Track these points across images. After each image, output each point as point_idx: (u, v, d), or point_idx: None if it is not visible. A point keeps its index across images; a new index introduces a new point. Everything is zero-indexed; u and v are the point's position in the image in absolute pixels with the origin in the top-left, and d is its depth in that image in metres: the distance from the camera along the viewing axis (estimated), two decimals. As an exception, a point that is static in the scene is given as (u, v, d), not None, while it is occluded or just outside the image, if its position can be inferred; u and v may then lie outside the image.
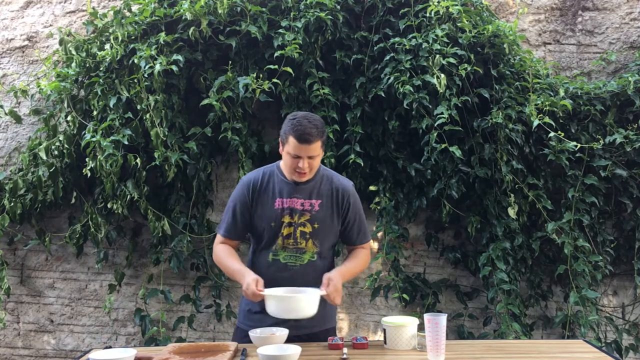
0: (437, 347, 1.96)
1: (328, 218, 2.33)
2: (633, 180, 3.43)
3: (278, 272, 2.29)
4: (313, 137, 2.18)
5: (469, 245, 3.62)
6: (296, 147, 2.19)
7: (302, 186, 2.32)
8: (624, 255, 3.58)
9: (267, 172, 2.39)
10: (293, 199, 2.31)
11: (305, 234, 2.30)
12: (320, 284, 2.22)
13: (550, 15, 3.84)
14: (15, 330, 3.72)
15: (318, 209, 2.32)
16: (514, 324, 3.21)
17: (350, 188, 2.40)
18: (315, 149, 2.21)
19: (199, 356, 2.00)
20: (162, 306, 3.58)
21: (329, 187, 2.36)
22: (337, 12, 3.38)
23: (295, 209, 2.30)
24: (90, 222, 3.47)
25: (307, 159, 2.22)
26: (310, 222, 2.30)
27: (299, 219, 2.30)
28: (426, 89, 3.24)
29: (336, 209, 2.35)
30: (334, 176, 2.41)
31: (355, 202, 2.39)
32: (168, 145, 3.32)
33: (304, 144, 2.18)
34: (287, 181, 2.33)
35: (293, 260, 2.31)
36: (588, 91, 3.45)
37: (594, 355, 2.06)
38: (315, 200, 2.32)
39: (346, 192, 2.36)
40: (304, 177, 2.28)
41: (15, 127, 3.81)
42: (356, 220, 2.39)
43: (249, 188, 2.35)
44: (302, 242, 2.30)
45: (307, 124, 2.19)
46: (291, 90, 3.38)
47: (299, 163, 2.22)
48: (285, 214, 2.30)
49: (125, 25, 3.39)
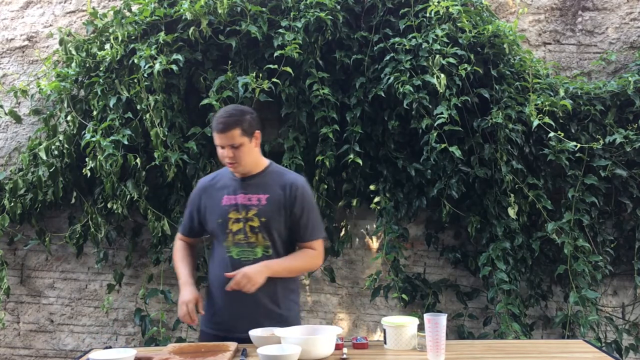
0: (437, 347, 1.96)
1: (276, 212, 2.31)
2: (633, 180, 3.43)
3: (233, 268, 2.28)
4: (226, 125, 2.24)
5: (469, 245, 3.62)
6: (215, 137, 2.28)
7: (248, 182, 2.35)
8: (624, 255, 3.58)
9: (220, 172, 2.47)
10: (239, 195, 2.33)
11: (254, 228, 2.30)
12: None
13: (550, 15, 3.84)
14: (15, 330, 3.72)
15: (265, 203, 2.31)
16: (514, 324, 3.21)
17: (300, 182, 2.37)
18: (233, 137, 2.24)
19: (199, 356, 2.00)
20: (162, 306, 3.58)
21: (277, 182, 2.36)
22: (337, 12, 3.38)
23: (242, 205, 2.32)
24: (90, 222, 3.47)
25: (231, 149, 2.26)
26: (258, 216, 2.30)
27: (246, 214, 2.31)
28: (426, 89, 3.24)
29: (284, 203, 2.32)
30: (285, 172, 2.43)
31: (304, 196, 2.35)
32: (168, 145, 3.32)
33: (219, 133, 2.25)
34: (234, 178, 2.37)
35: (246, 255, 2.31)
36: (588, 91, 3.45)
37: (594, 355, 2.06)
38: (262, 195, 2.33)
39: (294, 186, 2.34)
40: (233, 167, 2.30)
41: (15, 127, 3.81)
42: (303, 215, 2.34)
43: (200, 189, 2.45)
44: (252, 236, 2.30)
45: (223, 114, 2.29)
46: (291, 90, 3.38)
47: (224, 152, 2.28)
48: (231, 210, 2.32)
49: (125, 25, 3.39)
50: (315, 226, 2.38)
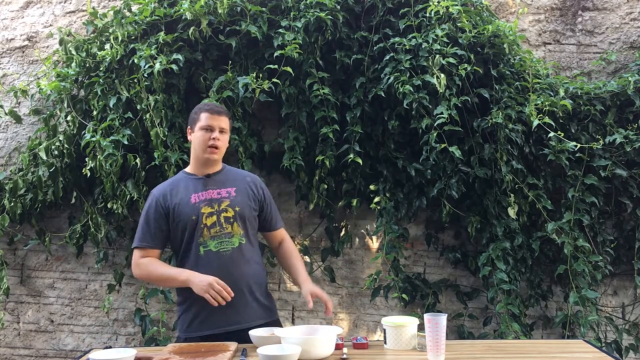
0: (437, 347, 1.96)
1: (246, 202, 2.44)
2: (633, 180, 3.43)
3: (212, 262, 2.34)
4: (222, 110, 2.46)
5: (469, 245, 3.62)
6: (208, 118, 2.40)
7: (213, 178, 2.46)
8: (624, 255, 3.58)
9: (174, 180, 2.52)
10: (209, 191, 2.42)
11: (229, 219, 2.38)
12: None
13: (550, 15, 3.84)
14: (15, 330, 3.72)
15: (235, 194, 2.43)
16: (514, 324, 3.21)
17: (258, 178, 2.59)
18: (225, 122, 2.44)
19: (199, 356, 2.00)
20: (162, 306, 3.58)
21: (239, 177, 2.52)
22: (337, 12, 3.38)
23: (213, 199, 2.40)
24: (90, 222, 3.47)
25: (219, 132, 2.41)
26: (231, 207, 2.40)
27: (219, 206, 2.39)
28: (426, 89, 3.24)
29: (252, 195, 2.48)
30: (240, 171, 2.63)
31: (266, 190, 2.57)
32: (168, 145, 3.32)
33: (215, 114, 2.41)
34: (197, 177, 2.46)
35: (224, 246, 2.37)
36: (588, 91, 3.45)
37: (594, 355, 2.06)
38: (230, 188, 2.45)
39: (257, 181, 2.56)
40: (214, 152, 2.41)
41: (15, 127, 3.81)
42: (271, 206, 2.56)
43: (159, 197, 2.43)
44: (228, 226, 2.38)
45: (214, 104, 2.52)
46: (291, 90, 3.38)
47: (212, 135, 2.39)
48: (203, 205, 2.39)
49: (125, 25, 3.39)
50: (278, 216, 2.62)
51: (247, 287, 2.37)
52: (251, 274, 2.40)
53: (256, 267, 2.44)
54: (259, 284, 2.43)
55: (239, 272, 2.36)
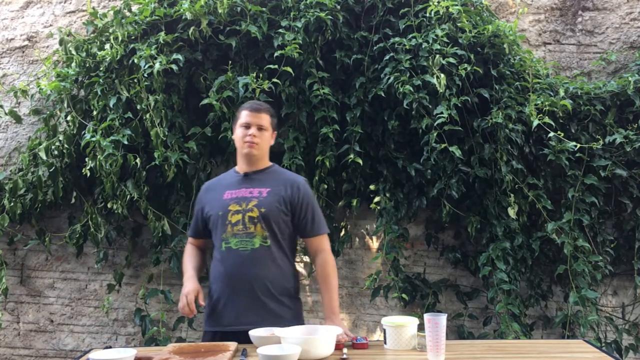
0: (437, 347, 1.96)
1: (275, 204, 2.40)
2: (633, 180, 3.43)
3: (231, 259, 2.37)
4: (262, 107, 2.47)
5: (469, 245, 3.62)
6: (247, 115, 2.44)
7: (252, 177, 2.47)
8: (624, 255, 3.58)
9: (222, 175, 2.61)
10: (241, 189, 2.45)
11: (253, 219, 2.38)
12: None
13: (550, 15, 3.84)
14: (15, 330, 3.72)
15: (266, 195, 2.42)
16: (514, 324, 3.21)
17: (300, 180, 2.52)
18: (264, 120, 2.45)
19: (199, 356, 2.00)
20: (162, 306, 3.58)
21: (279, 179, 2.49)
22: (337, 12, 3.38)
23: (243, 197, 2.42)
24: (90, 222, 3.47)
25: (257, 129, 2.43)
26: (258, 207, 2.39)
27: (246, 205, 2.40)
28: (426, 89, 3.24)
29: (284, 197, 2.43)
30: (285, 172, 2.58)
31: (306, 193, 2.48)
32: (168, 145, 3.32)
33: (252, 111, 2.44)
34: (238, 175, 2.51)
35: (244, 245, 2.37)
36: (588, 91, 3.45)
37: (594, 355, 2.06)
38: (263, 188, 2.44)
39: (295, 183, 2.48)
40: (253, 147, 2.42)
41: (15, 127, 3.81)
42: (308, 211, 2.46)
43: (204, 189, 2.59)
44: (251, 226, 2.38)
45: (255, 101, 2.57)
46: (291, 90, 3.38)
47: (249, 131, 2.42)
48: (231, 202, 2.42)
49: (125, 25, 3.39)
50: (320, 221, 2.50)
51: (261, 290, 2.35)
52: (269, 277, 2.37)
53: (276, 270, 2.39)
54: (277, 288, 2.39)
55: (255, 273, 2.35)
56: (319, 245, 2.50)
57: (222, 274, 2.39)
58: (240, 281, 2.34)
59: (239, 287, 2.35)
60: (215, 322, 2.41)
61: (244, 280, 2.34)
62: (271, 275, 2.37)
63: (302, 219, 2.45)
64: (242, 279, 2.34)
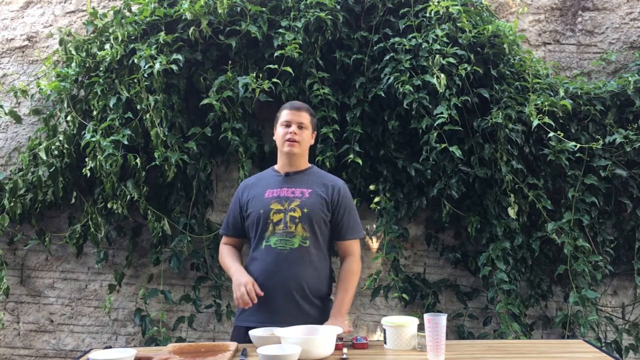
0: (437, 347, 1.96)
1: (318, 205, 2.42)
2: (633, 180, 3.43)
3: (269, 257, 2.38)
4: (301, 106, 2.49)
5: (469, 245, 3.62)
6: (287, 114, 2.47)
7: (292, 177, 2.49)
8: (624, 255, 3.58)
9: (262, 173, 2.62)
10: (283, 189, 2.46)
11: (294, 219, 2.39)
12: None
13: (550, 15, 3.84)
14: (15, 330, 3.72)
15: (308, 196, 2.43)
16: (514, 324, 3.21)
17: (341, 183, 2.53)
18: (305, 118, 2.47)
19: (199, 356, 2.00)
20: (162, 306, 3.59)
21: (319, 181, 2.50)
22: (337, 12, 3.38)
23: (285, 197, 2.43)
24: (90, 222, 3.47)
25: (297, 127, 2.45)
26: (300, 207, 2.40)
27: (289, 205, 2.41)
28: (426, 89, 3.24)
29: (325, 199, 2.45)
30: (326, 173, 2.58)
31: (345, 196, 2.49)
32: (168, 145, 3.32)
33: (293, 110, 2.47)
34: (278, 174, 2.52)
35: (283, 244, 2.38)
36: (588, 91, 3.45)
37: (594, 355, 2.06)
38: (305, 189, 2.45)
39: (336, 186, 2.50)
40: (294, 146, 2.43)
41: (15, 127, 3.81)
42: (345, 214, 2.48)
43: (243, 187, 2.59)
44: (292, 226, 2.39)
45: (296, 101, 2.61)
46: (291, 90, 3.38)
47: (290, 129, 2.44)
48: (273, 201, 2.43)
49: (125, 25, 3.39)
50: (355, 226, 2.51)
51: (297, 290, 2.37)
52: (305, 277, 2.38)
53: (313, 272, 2.40)
54: (312, 289, 2.40)
55: (292, 273, 2.36)
56: (350, 248, 2.51)
57: (259, 271, 2.39)
58: (278, 280, 2.35)
59: (275, 285, 2.36)
60: (249, 318, 2.42)
61: (281, 279, 2.35)
62: (308, 276, 2.39)
63: (339, 221, 2.47)
64: (280, 278, 2.36)
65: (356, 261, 2.51)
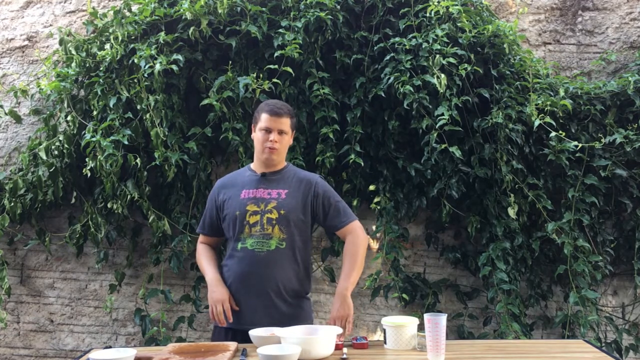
0: (437, 347, 1.96)
1: (294, 206, 2.41)
2: (633, 180, 3.43)
3: (246, 259, 2.38)
4: (282, 111, 2.42)
5: (469, 245, 3.62)
6: (267, 119, 2.41)
7: (269, 177, 2.46)
8: (624, 255, 3.58)
9: (237, 173, 2.60)
10: (259, 189, 2.44)
11: (271, 220, 2.39)
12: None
13: (550, 15, 3.84)
14: (15, 330, 3.72)
15: (285, 197, 2.42)
16: (514, 324, 3.21)
17: (316, 177, 2.51)
18: (285, 124, 2.42)
19: (199, 356, 2.00)
20: (162, 306, 3.59)
21: (295, 179, 2.48)
22: (337, 12, 3.38)
23: (262, 198, 2.42)
24: (90, 222, 3.47)
25: (278, 134, 2.41)
26: (277, 209, 2.39)
27: (265, 206, 2.40)
28: (426, 89, 3.24)
29: (303, 199, 2.43)
30: (302, 171, 2.56)
31: (325, 189, 2.48)
32: (168, 145, 3.32)
33: (273, 116, 2.40)
34: (255, 175, 2.49)
35: (260, 245, 2.38)
36: (588, 91, 3.45)
37: (594, 355, 2.06)
38: (282, 189, 2.44)
39: (312, 182, 2.47)
40: (273, 152, 2.41)
41: (15, 127, 3.81)
42: (331, 204, 2.46)
43: (218, 187, 2.56)
44: (269, 227, 2.38)
45: (275, 102, 2.47)
46: (291, 90, 3.38)
47: (270, 136, 2.39)
48: (249, 202, 2.42)
49: (125, 25, 3.39)
50: (345, 211, 2.48)
51: (273, 290, 2.37)
52: (282, 278, 2.38)
53: (290, 272, 2.40)
54: (288, 289, 2.40)
55: (269, 274, 2.36)
56: (348, 230, 2.46)
57: (236, 273, 2.40)
58: (254, 282, 2.36)
59: (252, 287, 2.37)
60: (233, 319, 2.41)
61: (258, 281, 2.36)
62: (284, 277, 2.38)
63: (327, 213, 2.45)
64: (256, 280, 2.36)
65: (358, 236, 2.44)
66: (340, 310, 2.33)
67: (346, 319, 2.32)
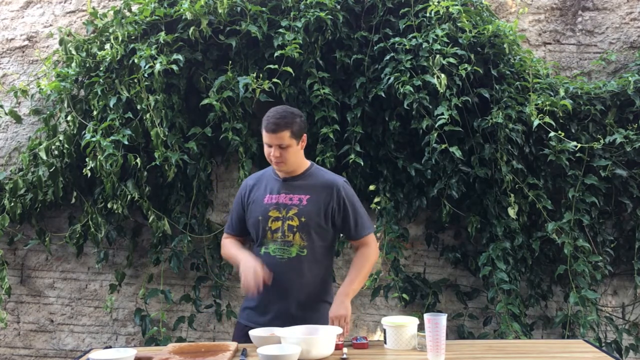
0: (437, 347, 1.96)
1: (315, 213, 2.37)
2: (633, 180, 3.43)
3: (268, 265, 2.35)
4: (277, 127, 2.31)
5: (469, 245, 3.62)
6: (265, 136, 2.35)
7: (290, 182, 2.42)
8: (624, 255, 3.58)
9: (264, 172, 2.55)
10: (281, 195, 2.41)
11: (292, 227, 2.37)
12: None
13: (550, 15, 3.84)
14: (15, 330, 3.72)
15: (306, 203, 2.38)
16: (514, 323, 3.21)
17: (340, 182, 2.44)
18: (282, 138, 2.31)
19: (199, 356, 2.00)
20: (162, 306, 3.59)
21: (318, 184, 2.42)
22: (337, 12, 3.38)
23: (284, 204, 2.39)
24: (90, 222, 3.47)
25: (278, 148, 2.33)
26: (298, 216, 2.37)
27: (287, 213, 2.38)
28: (426, 89, 3.24)
29: (324, 205, 2.38)
30: (326, 173, 2.49)
31: (347, 196, 2.42)
32: (168, 145, 3.32)
33: (269, 133, 2.32)
34: (277, 179, 2.45)
35: (281, 252, 2.37)
36: (588, 91, 3.45)
37: (594, 355, 2.06)
38: (303, 195, 2.39)
39: (335, 187, 2.41)
40: (279, 166, 2.38)
41: (15, 127, 3.81)
42: (350, 214, 2.41)
43: (245, 187, 2.53)
44: (290, 235, 2.37)
45: (274, 115, 2.35)
46: (291, 90, 3.38)
47: (272, 151, 2.34)
48: (272, 208, 2.39)
49: (125, 25, 3.39)
50: (363, 223, 2.45)
51: (293, 298, 2.36)
52: (303, 285, 2.37)
53: (311, 279, 2.39)
54: (311, 296, 2.39)
55: (289, 281, 2.35)
56: (362, 243, 2.47)
57: None
58: (275, 287, 2.33)
59: (273, 292, 2.35)
60: (250, 318, 2.43)
61: (278, 287, 2.34)
62: (306, 284, 2.37)
63: (345, 222, 2.42)
64: (277, 286, 2.34)
65: (372, 249, 2.46)
66: (338, 310, 2.32)
67: (344, 319, 2.31)
